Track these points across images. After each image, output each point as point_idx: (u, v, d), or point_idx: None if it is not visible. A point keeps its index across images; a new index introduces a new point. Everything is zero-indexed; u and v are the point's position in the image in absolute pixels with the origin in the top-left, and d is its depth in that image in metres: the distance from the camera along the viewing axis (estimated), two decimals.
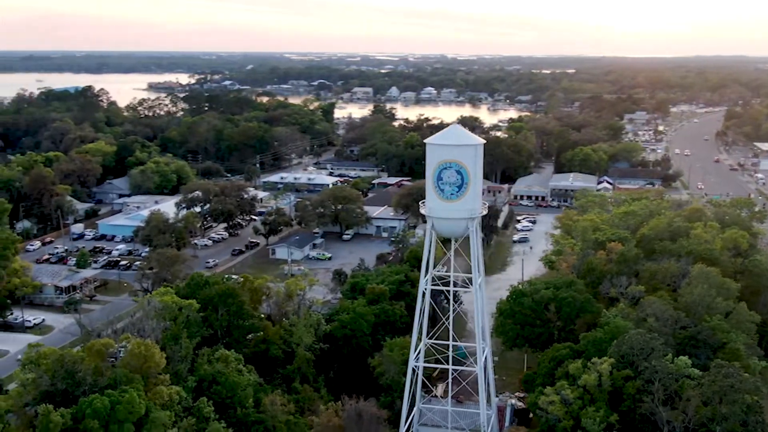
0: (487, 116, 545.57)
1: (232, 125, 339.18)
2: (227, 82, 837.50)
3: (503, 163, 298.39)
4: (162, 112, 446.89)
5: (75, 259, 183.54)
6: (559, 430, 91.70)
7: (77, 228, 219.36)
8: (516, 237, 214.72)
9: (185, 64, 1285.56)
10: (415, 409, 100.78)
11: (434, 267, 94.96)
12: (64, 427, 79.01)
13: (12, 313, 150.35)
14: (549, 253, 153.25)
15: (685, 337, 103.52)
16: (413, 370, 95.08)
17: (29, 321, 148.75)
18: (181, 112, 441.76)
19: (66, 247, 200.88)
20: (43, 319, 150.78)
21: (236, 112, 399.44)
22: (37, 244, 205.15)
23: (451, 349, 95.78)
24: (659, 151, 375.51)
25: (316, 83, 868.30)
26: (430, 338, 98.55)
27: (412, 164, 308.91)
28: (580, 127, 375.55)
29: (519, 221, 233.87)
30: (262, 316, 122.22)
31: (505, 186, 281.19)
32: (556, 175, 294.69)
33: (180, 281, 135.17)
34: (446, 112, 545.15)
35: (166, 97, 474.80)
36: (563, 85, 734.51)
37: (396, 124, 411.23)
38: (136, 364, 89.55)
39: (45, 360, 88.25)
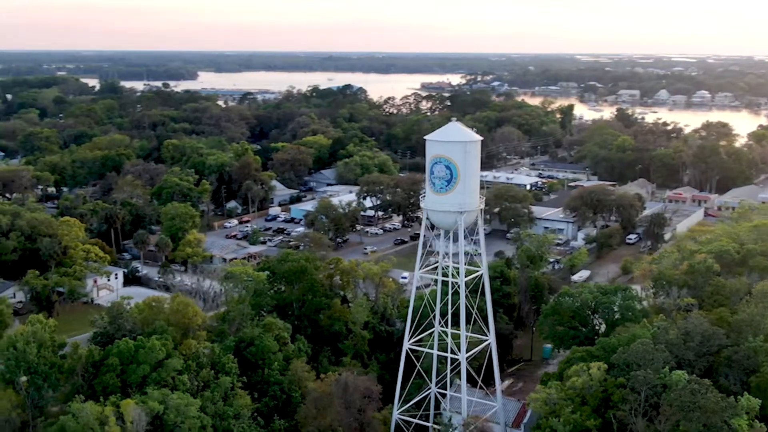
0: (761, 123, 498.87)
1: None
2: (495, 83, 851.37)
3: (719, 171, 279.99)
4: (407, 111, 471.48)
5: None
6: (543, 428, 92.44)
7: (274, 210, 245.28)
8: None
9: (468, 65, 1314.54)
10: (430, 393, 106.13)
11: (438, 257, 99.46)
12: (92, 360, 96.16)
13: (173, 276, 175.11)
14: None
15: (724, 356, 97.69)
16: (407, 352, 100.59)
17: (186, 284, 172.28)
18: (421, 111, 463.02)
19: (256, 227, 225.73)
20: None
21: (470, 111, 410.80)
22: (235, 222, 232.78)
23: (461, 337, 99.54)
24: None
25: (583, 85, 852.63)
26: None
27: (622, 168, 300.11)
28: None
29: None
30: (339, 294, 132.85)
31: (713, 196, 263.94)
32: None
33: None
34: (712, 118, 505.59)
35: (410, 96, 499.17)
36: None
37: (633, 128, 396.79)
38: (174, 318, 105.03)
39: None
